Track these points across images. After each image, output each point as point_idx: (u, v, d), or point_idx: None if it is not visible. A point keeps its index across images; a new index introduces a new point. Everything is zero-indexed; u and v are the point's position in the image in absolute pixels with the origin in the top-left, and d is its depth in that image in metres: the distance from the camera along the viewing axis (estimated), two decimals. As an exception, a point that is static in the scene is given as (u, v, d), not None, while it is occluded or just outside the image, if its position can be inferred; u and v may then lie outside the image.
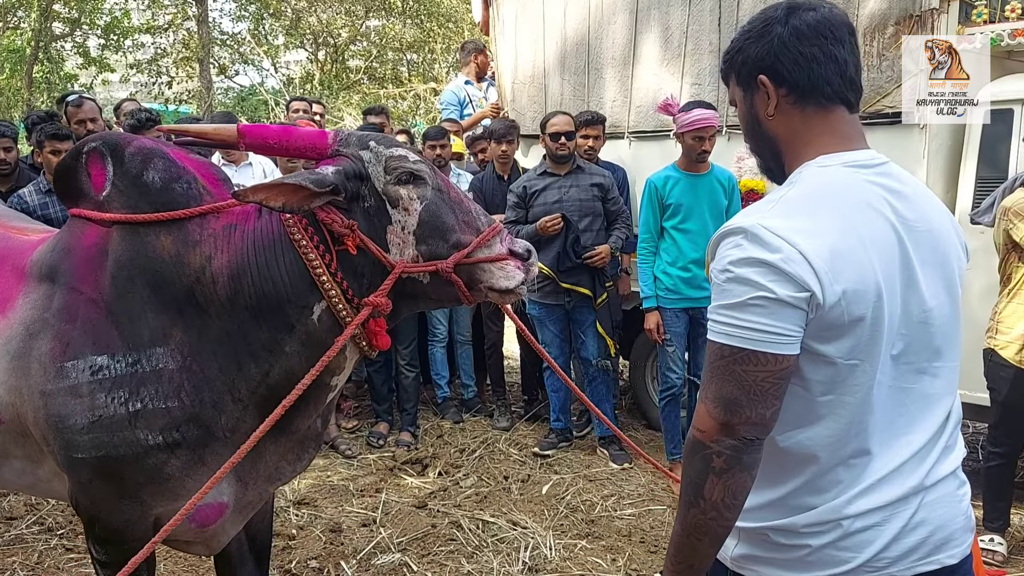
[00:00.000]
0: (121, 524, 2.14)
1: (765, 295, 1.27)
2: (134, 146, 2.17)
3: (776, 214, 1.33)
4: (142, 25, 17.70)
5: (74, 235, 2.19)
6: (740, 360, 1.30)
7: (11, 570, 3.57)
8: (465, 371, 5.75)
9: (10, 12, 16.24)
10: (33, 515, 4.09)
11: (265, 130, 2.09)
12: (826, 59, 1.38)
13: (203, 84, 17.47)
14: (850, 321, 1.29)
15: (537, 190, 4.86)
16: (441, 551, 3.79)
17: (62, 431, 2.05)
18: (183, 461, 2.06)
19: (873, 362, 1.33)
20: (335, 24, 18.87)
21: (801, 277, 1.26)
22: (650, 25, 5.10)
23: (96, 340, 2.05)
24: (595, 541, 3.88)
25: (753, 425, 1.31)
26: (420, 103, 17.48)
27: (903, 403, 1.38)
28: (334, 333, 2.03)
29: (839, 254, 1.28)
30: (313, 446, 2.39)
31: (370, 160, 2.04)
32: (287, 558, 3.71)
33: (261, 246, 2.05)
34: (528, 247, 2.09)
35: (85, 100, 5.33)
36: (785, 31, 1.39)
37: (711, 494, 1.32)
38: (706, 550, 1.37)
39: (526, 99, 5.84)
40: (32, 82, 15.73)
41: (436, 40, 18.24)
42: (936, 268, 1.39)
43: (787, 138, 1.44)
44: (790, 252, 1.27)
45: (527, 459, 4.94)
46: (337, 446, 5.10)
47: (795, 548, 1.38)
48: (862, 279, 1.29)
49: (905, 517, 1.36)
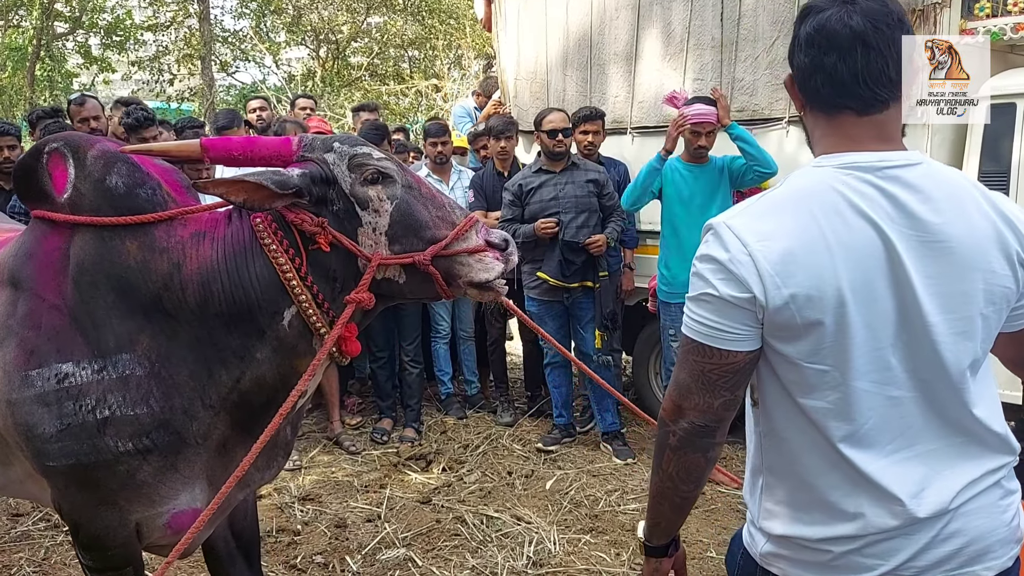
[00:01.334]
0: (102, 530, 2.11)
1: (711, 292, 1.33)
2: (96, 149, 2.11)
3: (746, 214, 1.35)
4: (143, 23, 17.70)
5: (36, 238, 2.13)
6: (693, 351, 1.37)
7: (17, 566, 3.59)
8: (468, 367, 5.77)
9: (11, 10, 16.24)
10: (39, 511, 4.10)
11: (228, 142, 2.05)
12: (814, 69, 1.34)
13: (205, 81, 17.49)
14: (804, 324, 1.28)
15: (533, 187, 4.86)
16: (445, 546, 3.80)
17: (31, 440, 2.02)
18: (155, 467, 2.04)
19: (844, 371, 1.30)
20: (336, 21, 18.87)
21: (743, 277, 1.29)
22: (652, 20, 5.10)
23: (60, 347, 2.00)
24: (599, 536, 3.89)
25: (701, 412, 1.37)
26: (422, 100, 17.48)
27: (906, 414, 1.33)
28: (304, 338, 2.02)
29: (793, 257, 1.27)
30: (282, 454, 2.38)
31: (335, 162, 2.00)
32: (292, 553, 3.72)
33: (231, 253, 2.02)
34: (505, 236, 2.06)
35: (87, 99, 5.33)
36: (804, 29, 1.36)
37: (667, 467, 1.42)
38: (668, 514, 1.49)
39: (528, 95, 5.84)
40: (34, 81, 15.74)
41: (438, 37, 18.23)
42: (950, 282, 1.30)
43: (812, 135, 1.44)
44: (738, 252, 1.30)
45: (530, 455, 4.95)
46: (341, 442, 5.12)
47: (819, 552, 1.38)
48: (817, 285, 1.27)
49: (935, 528, 1.33)
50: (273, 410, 1.99)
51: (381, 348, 5.32)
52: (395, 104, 17.86)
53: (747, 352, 1.34)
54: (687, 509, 1.49)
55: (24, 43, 15.55)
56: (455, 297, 2.12)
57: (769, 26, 4.58)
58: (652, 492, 1.49)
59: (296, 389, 1.97)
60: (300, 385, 1.97)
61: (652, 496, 1.49)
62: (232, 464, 2.12)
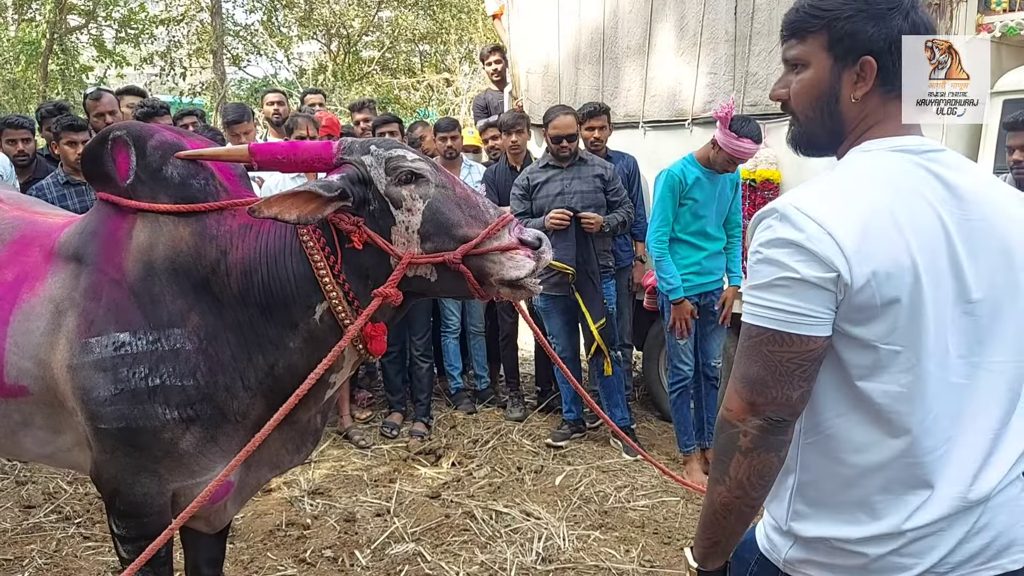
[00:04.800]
0: (140, 497, 2.23)
1: (790, 275, 1.27)
2: (156, 139, 2.24)
3: (811, 195, 1.31)
4: (156, 17, 17.75)
5: (100, 219, 2.29)
6: (767, 341, 1.30)
7: (29, 557, 3.61)
8: (478, 362, 5.76)
9: (26, 4, 16.32)
10: (51, 503, 4.13)
11: (273, 147, 2.19)
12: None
13: (217, 75, 17.53)
14: (883, 303, 1.26)
15: (540, 182, 4.85)
16: (455, 541, 3.80)
17: (87, 403, 2.15)
18: (197, 438, 2.16)
19: (917, 351, 1.29)
20: (348, 15, 18.88)
21: (827, 256, 1.24)
22: (666, 15, 5.08)
23: (119, 318, 2.14)
24: (608, 532, 3.88)
25: (779, 406, 1.30)
26: (433, 94, 17.47)
27: (960, 400, 1.33)
28: (335, 333, 2.10)
29: (870, 234, 1.26)
30: (312, 439, 2.48)
31: (371, 164, 2.08)
32: (302, 547, 3.73)
33: (273, 247, 2.13)
34: (539, 235, 2.08)
35: (104, 93, 5.39)
36: (906, 25, 1.34)
37: (737, 472, 1.33)
38: (732, 527, 1.38)
39: (541, 90, 5.82)
40: (47, 75, 15.81)
41: (449, 31, 18.22)
42: (992, 259, 1.33)
43: (857, 123, 1.40)
44: (816, 231, 1.25)
45: (540, 450, 4.94)
46: (351, 436, 5.12)
47: (854, 555, 1.35)
48: (895, 261, 1.26)
49: (969, 522, 1.33)
50: (307, 399, 2.09)
51: (391, 342, 5.26)
52: (406, 98, 17.87)
53: (825, 338, 1.29)
54: (751, 519, 1.39)
55: (37, 37, 15.61)
56: (489, 297, 2.15)
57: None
58: (714, 508, 1.38)
59: (315, 373, 2.04)
60: (319, 369, 2.04)
61: (713, 512, 1.39)
62: (266, 445, 2.24)
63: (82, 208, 4.21)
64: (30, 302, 2.25)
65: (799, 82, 1.42)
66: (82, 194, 4.41)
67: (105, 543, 3.72)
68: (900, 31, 1.34)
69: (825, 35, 1.38)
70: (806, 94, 1.42)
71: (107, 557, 3.60)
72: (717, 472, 1.36)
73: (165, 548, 2.35)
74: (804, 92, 1.43)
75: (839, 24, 1.36)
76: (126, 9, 17.06)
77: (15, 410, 2.30)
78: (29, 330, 2.23)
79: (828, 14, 1.37)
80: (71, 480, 4.39)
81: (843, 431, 1.35)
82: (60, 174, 4.52)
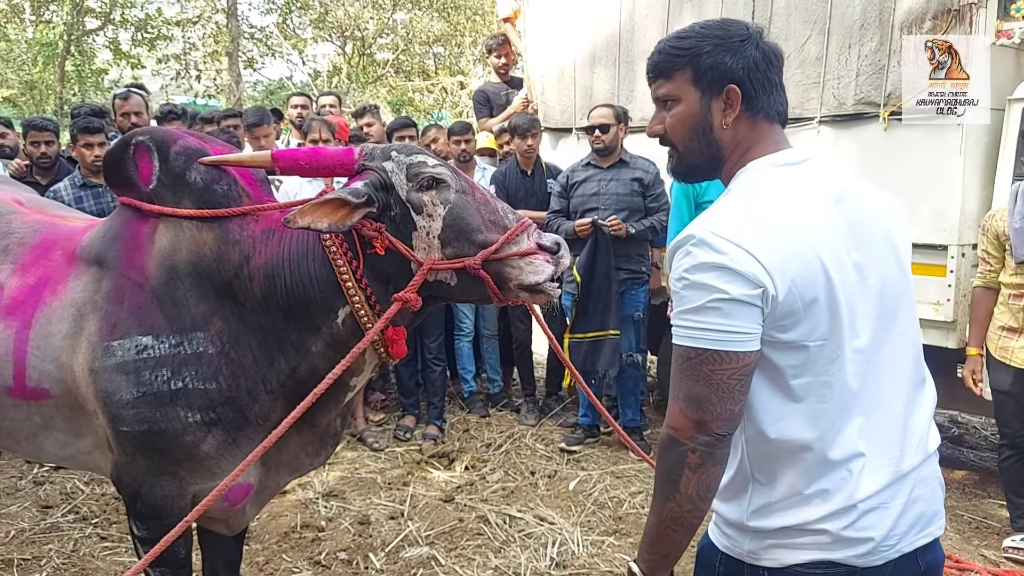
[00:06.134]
0: (160, 500, 2.24)
1: (720, 296, 1.34)
2: (179, 145, 2.26)
3: (722, 218, 1.40)
4: (171, 20, 17.87)
5: (122, 223, 2.31)
6: (705, 360, 1.37)
7: (47, 557, 3.63)
8: (491, 366, 5.77)
9: (43, 6, 16.45)
10: (68, 504, 4.16)
11: (296, 154, 2.20)
12: (775, 85, 1.51)
13: (232, 77, 17.62)
14: (805, 305, 1.36)
15: (577, 181, 4.86)
16: (468, 545, 3.80)
17: (109, 405, 2.16)
18: (218, 441, 2.17)
19: (839, 339, 1.39)
20: (362, 18, 18.94)
21: (752, 274, 1.33)
22: (683, 19, 5.06)
23: (141, 322, 2.16)
24: (623, 538, 3.87)
25: (725, 421, 1.38)
26: (447, 96, 17.49)
27: (876, 375, 1.45)
28: (356, 336, 2.11)
29: (782, 246, 1.36)
30: (331, 443, 2.50)
31: (393, 170, 2.09)
32: (316, 549, 3.74)
33: (296, 251, 2.15)
34: (557, 240, 2.09)
35: (132, 94, 5.47)
36: (758, 53, 1.48)
37: (687, 488, 1.40)
38: (681, 539, 1.45)
39: (556, 93, 5.82)
40: (64, 76, 15.94)
41: (463, 34, 18.25)
42: (877, 245, 1.47)
43: (733, 146, 1.52)
44: (736, 252, 1.34)
45: (553, 454, 4.94)
46: (365, 439, 5.14)
47: (816, 533, 1.43)
48: (807, 264, 1.36)
49: (906, 494, 1.46)
50: (323, 400, 2.09)
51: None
52: (420, 101, 17.91)
53: (757, 351, 1.38)
54: (697, 528, 1.45)
55: (54, 38, 15.74)
56: (508, 302, 2.16)
57: (801, 25, 4.53)
58: (664, 523, 1.43)
59: (332, 373, 2.04)
60: (337, 370, 2.04)
61: (664, 528, 1.44)
62: (285, 448, 2.28)
63: (98, 210, 4.25)
64: (52, 305, 2.27)
65: (673, 116, 1.54)
66: (99, 196, 4.45)
67: (122, 543, 3.74)
68: (754, 59, 1.48)
69: (690, 71, 1.50)
70: (682, 126, 1.54)
71: (124, 557, 3.62)
72: (667, 490, 1.42)
73: (184, 549, 2.38)
74: (680, 125, 1.54)
75: (701, 59, 1.48)
76: (142, 13, 17.18)
77: (36, 413, 2.31)
78: (51, 333, 2.24)
79: (690, 52, 1.50)
80: (88, 481, 4.42)
81: (788, 431, 1.43)
82: (77, 176, 4.56)
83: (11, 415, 2.34)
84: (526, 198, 5.30)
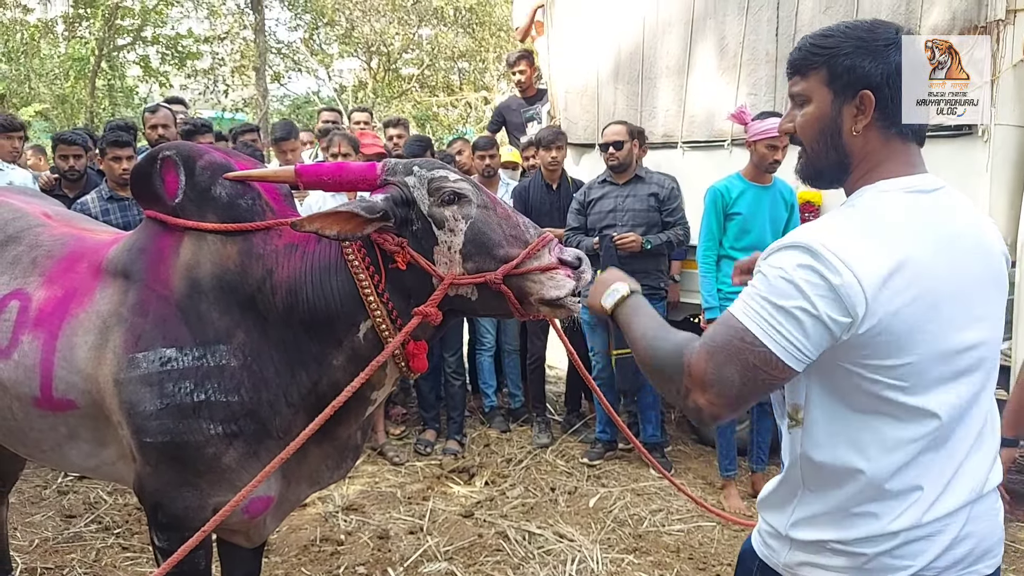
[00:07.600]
0: (182, 511, 2.25)
1: (808, 309, 1.31)
2: (205, 160, 2.29)
3: (838, 234, 1.35)
4: (200, 37, 18.15)
5: (148, 236, 2.34)
6: (758, 356, 1.34)
7: (70, 567, 3.66)
8: (512, 380, 5.75)
9: (76, 22, 16.77)
10: (91, 514, 4.20)
11: (319, 168, 2.22)
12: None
13: (259, 92, 17.84)
14: (900, 335, 1.33)
15: (595, 198, 4.86)
16: (487, 561, 3.78)
17: (133, 416, 2.18)
18: (240, 453, 2.18)
19: (925, 375, 1.37)
20: (388, 33, 19.11)
21: (852, 304, 1.30)
22: (705, 35, 5.06)
23: (166, 334, 2.18)
24: (643, 556, 3.84)
25: (724, 407, 1.37)
26: (471, 111, 17.58)
27: (960, 409, 1.41)
28: (377, 350, 2.11)
29: (893, 283, 1.31)
30: (351, 456, 2.50)
31: (415, 185, 2.10)
32: (335, 563, 3.74)
33: (318, 266, 2.16)
34: (579, 255, 2.09)
35: (160, 107, 5.60)
36: (902, 60, 1.41)
37: (668, 393, 1.45)
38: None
39: (579, 108, 5.83)
40: (95, 90, 16.21)
41: (488, 49, 18.35)
42: (988, 282, 1.44)
43: (862, 156, 1.46)
44: (850, 279, 1.29)
45: (573, 470, 4.92)
46: (385, 452, 5.14)
47: (852, 556, 1.42)
48: (914, 298, 1.33)
49: (956, 529, 1.41)
50: (343, 413, 2.11)
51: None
52: (444, 116, 18.01)
53: (799, 372, 1.36)
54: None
55: (86, 54, 16.03)
56: (529, 317, 2.15)
57: (825, 41, 4.50)
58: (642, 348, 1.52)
59: (351, 386, 2.04)
60: (356, 382, 2.04)
61: (640, 345, 1.53)
62: (306, 460, 2.30)
63: (124, 223, 4.30)
64: (79, 317, 2.30)
65: (803, 116, 1.50)
66: (125, 209, 4.51)
67: (143, 554, 3.76)
68: (897, 66, 1.41)
69: (825, 71, 1.45)
70: (810, 127, 1.50)
71: (145, 568, 3.65)
72: (664, 372, 1.45)
73: (204, 561, 2.39)
74: (808, 126, 1.50)
75: (839, 60, 1.43)
76: (173, 32, 17.46)
77: (62, 423, 2.34)
78: (77, 344, 2.27)
79: (828, 51, 1.44)
80: (111, 491, 4.46)
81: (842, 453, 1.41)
82: (104, 189, 4.62)
83: (37, 425, 2.37)
84: (551, 212, 5.29)
